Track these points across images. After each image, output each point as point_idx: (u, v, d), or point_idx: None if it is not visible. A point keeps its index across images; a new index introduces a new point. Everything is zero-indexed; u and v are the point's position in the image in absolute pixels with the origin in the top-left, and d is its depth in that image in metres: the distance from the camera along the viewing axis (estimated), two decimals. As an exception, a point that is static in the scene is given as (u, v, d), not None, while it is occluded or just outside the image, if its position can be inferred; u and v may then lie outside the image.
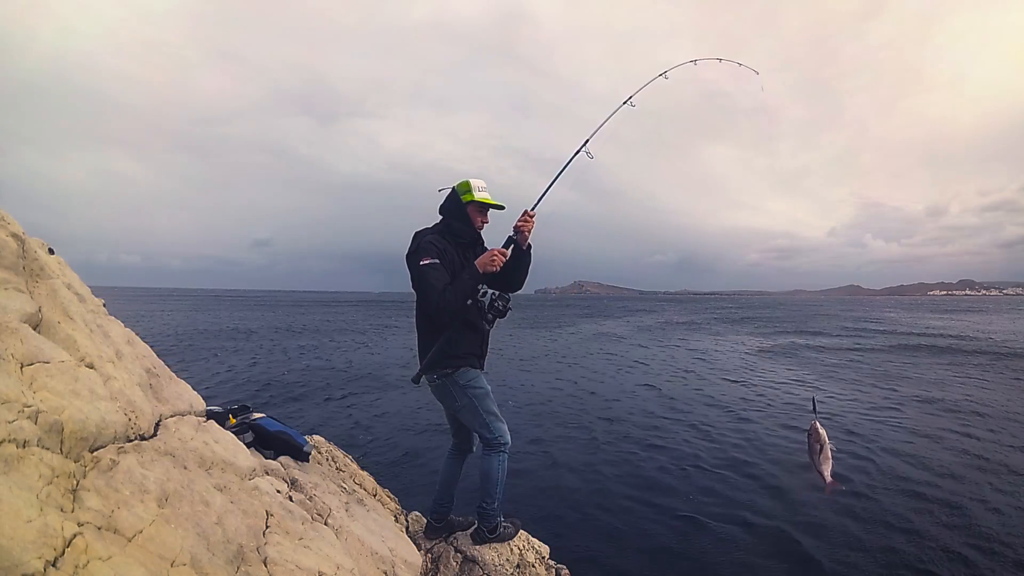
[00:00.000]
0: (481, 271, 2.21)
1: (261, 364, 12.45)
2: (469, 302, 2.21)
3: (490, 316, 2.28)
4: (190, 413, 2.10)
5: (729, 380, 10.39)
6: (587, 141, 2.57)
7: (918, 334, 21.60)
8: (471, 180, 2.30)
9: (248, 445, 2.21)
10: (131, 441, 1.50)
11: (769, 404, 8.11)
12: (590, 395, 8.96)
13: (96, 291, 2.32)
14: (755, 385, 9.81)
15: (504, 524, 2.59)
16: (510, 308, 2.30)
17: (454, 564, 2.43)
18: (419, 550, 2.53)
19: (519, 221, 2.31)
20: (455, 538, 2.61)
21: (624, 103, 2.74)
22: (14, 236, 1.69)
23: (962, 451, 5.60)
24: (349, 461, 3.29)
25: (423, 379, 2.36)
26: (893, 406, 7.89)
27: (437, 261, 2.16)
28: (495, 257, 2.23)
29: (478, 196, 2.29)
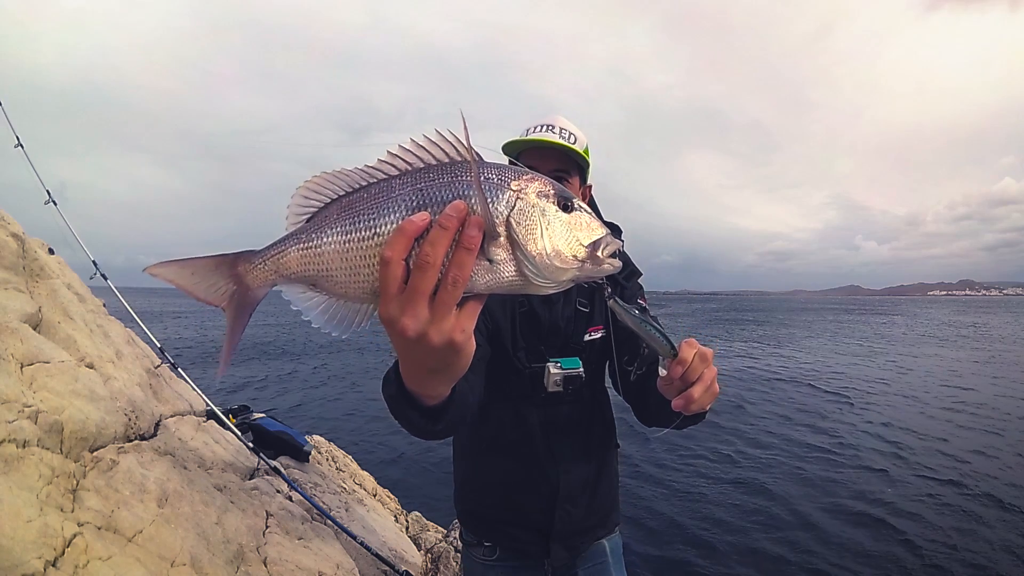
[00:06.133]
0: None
1: (263, 364, 12.45)
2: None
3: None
4: (190, 413, 2.10)
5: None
6: None
7: None
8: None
9: (248, 445, 2.21)
10: (131, 441, 1.50)
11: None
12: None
13: (106, 291, 2.33)
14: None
15: None
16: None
17: (454, 564, 2.43)
18: (419, 550, 2.53)
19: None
20: (455, 537, 2.61)
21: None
22: (14, 236, 1.69)
23: None
24: (349, 461, 3.28)
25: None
26: None
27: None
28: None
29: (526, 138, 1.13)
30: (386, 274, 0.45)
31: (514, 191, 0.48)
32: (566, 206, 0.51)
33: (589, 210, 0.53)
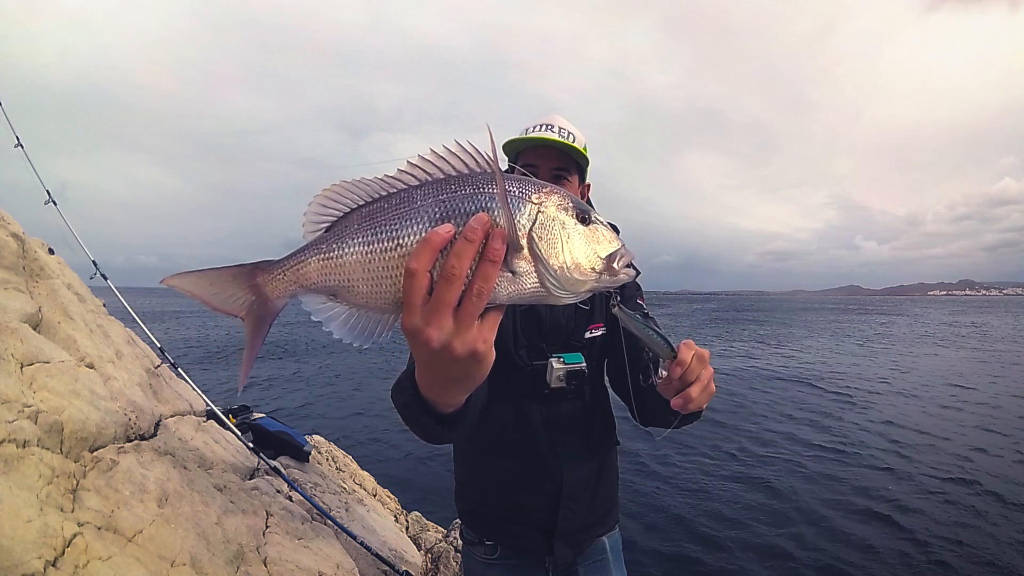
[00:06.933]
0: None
1: (266, 364, 12.45)
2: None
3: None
4: (190, 413, 2.10)
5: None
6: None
7: None
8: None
9: (248, 445, 2.21)
10: (131, 441, 1.50)
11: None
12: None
13: (106, 291, 2.33)
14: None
15: None
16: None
17: (454, 564, 2.43)
18: (419, 550, 2.53)
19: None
20: (455, 537, 2.61)
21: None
22: (14, 236, 1.69)
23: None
24: (349, 461, 3.29)
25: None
26: None
27: None
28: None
29: (522, 137, 1.14)
30: (411, 286, 0.45)
31: (535, 204, 0.49)
32: (584, 219, 0.52)
33: (604, 221, 0.54)
